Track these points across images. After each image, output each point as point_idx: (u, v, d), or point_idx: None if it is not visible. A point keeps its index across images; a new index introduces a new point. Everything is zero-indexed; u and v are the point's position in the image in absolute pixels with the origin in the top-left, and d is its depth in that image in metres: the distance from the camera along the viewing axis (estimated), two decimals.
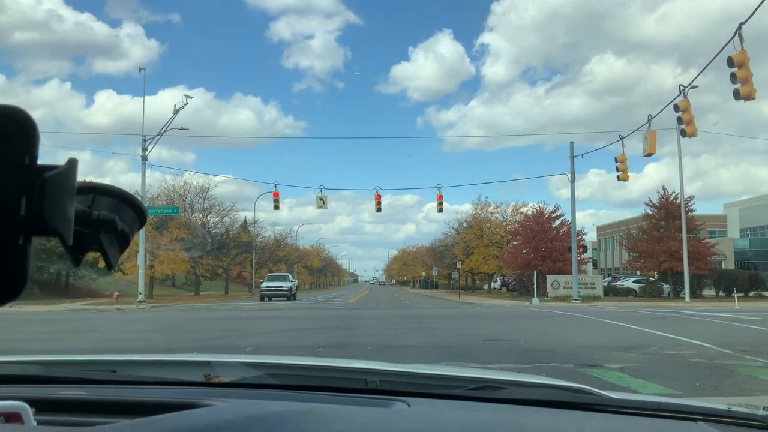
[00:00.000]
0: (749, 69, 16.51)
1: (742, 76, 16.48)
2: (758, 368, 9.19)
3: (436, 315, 23.45)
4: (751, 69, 16.51)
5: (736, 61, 16.54)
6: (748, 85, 16.49)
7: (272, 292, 42.39)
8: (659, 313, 23.37)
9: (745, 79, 16.48)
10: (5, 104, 0.56)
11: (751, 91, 16.56)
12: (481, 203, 64.15)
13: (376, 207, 39.03)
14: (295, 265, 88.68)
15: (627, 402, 1.63)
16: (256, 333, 15.75)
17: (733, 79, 16.66)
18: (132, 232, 0.73)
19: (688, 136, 22.73)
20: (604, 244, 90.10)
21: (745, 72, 16.47)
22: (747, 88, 16.51)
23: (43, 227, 0.57)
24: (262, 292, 42.79)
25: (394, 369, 1.90)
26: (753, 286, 41.65)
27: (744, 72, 16.46)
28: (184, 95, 35.80)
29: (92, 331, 17.34)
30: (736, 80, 16.61)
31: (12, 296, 0.57)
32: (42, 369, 1.84)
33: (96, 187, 0.72)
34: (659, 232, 42.06)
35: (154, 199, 49.95)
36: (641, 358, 10.26)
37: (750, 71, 16.51)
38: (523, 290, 47.01)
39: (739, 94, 16.62)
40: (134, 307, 31.84)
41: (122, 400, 1.50)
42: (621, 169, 31.81)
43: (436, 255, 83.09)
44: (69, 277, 51.36)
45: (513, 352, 11.19)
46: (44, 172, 0.58)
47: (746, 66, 16.48)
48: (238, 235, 62.48)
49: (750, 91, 16.54)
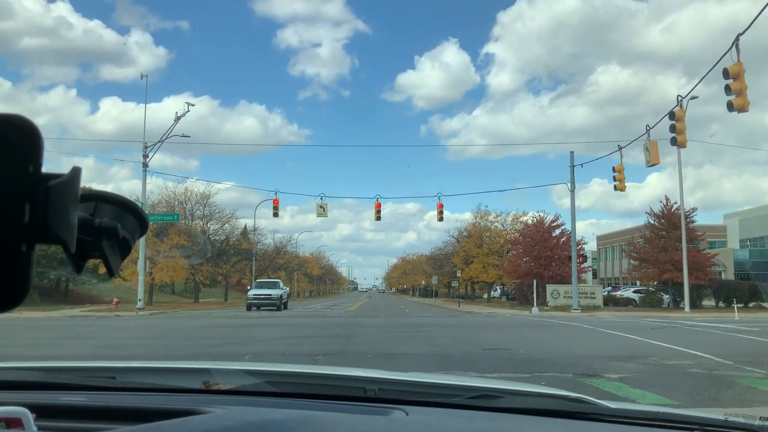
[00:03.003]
0: (744, 81, 16.47)
1: (736, 88, 16.45)
2: (757, 379, 9.17)
3: (435, 323, 23.40)
4: (753, 81, 16.52)
5: (732, 72, 16.52)
6: (742, 97, 16.44)
7: (260, 301, 37.94)
8: (659, 323, 23.33)
9: (740, 90, 16.43)
10: (10, 113, 0.57)
11: (745, 103, 16.50)
12: (481, 212, 64.24)
13: (375, 215, 39.07)
14: (295, 273, 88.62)
15: (625, 411, 1.63)
16: (255, 340, 15.71)
17: (727, 91, 16.60)
18: (133, 239, 0.74)
19: (678, 146, 22.80)
20: (604, 253, 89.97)
21: (740, 84, 16.44)
22: (741, 100, 16.46)
23: (47, 234, 0.58)
24: (249, 301, 38.39)
25: (393, 377, 1.90)
26: (753, 297, 41.58)
27: (738, 84, 16.43)
28: (185, 102, 35.90)
29: (91, 337, 17.30)
30: (731, 92, 16.56)
31: (15, 303, 0.58)
32: (42, 375, 1.84)
33: (98, 194, 0.72)
34: (661, 241, 42.05)
35: (155, 205, 49.95)
36: (640, 368, 10.23)
37: (745, 83, 16.47)
38: (522, 299, 46.94)
39: (733, 105, 16.59)
40: (133, 313, 31.77)
41: (122, 406, 1.50)
42: (618, 179, 31.87)
43: (435, 263, 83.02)
44: (69, 284, 51.32)
45: (512, 361, 11.17)
46: (48, 181, 0.58)
47: (741, 78, 16.45)
48: (238, 243, 62.39)
49: (744, 103, 16.49)
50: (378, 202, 38.62)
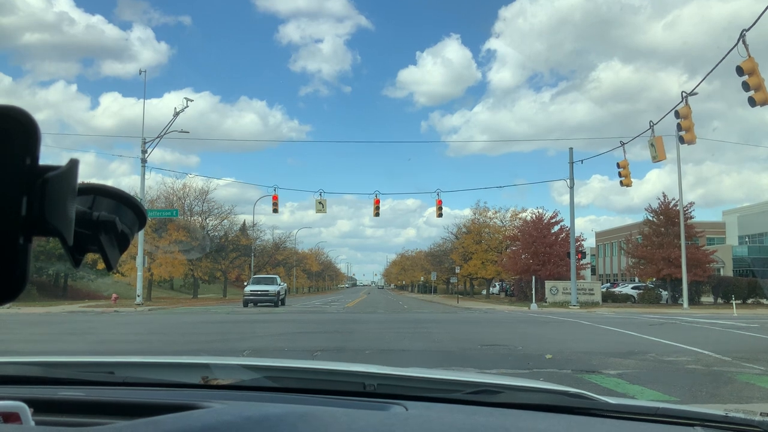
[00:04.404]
0: (760, 75, 16.41)
1: (754, 84, 16.37)
2: (756, 375, 9.19)
3: (434, 319, 23.43)
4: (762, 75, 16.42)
5: (746, 69, 16.45)
6: (762, 91, 16.33)
7: (257, 297, 37.43)
8: (657, 320, 23.36)
9: (758, 85, 16.36)
10: (6, 104, 0.57)
11: (766, 97, 16.42)
12: (480, 208, 64.27)
13: (374, 211, 39.06)
14: (294, 269, 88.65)
15: (624, 407, 1.63)
16: (254, 336, 15.72)
17: (745, 87, 16.51)
18: (132, 233, 0.73)
19: (686, 143, 22.74)
20: (602, 250, 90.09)
21: (757, 79, 16.37)
22: (761, 94, 16.35)
23: (44, 227, 0.58)
24: (246, 297, 37.79)
25: (392, 373, 1.90)
26: (751, 294, 41.67)
27: (756, 79, 16.36)
28: (184, 98, 35.93)
29: (90, 333, 17.30)
30: (749, 88, 16.46)
31: (12, 296, 0.58)
32: (40, 370, 1.84)
33: (96, 188, 0.72)
34: (659, 238, 42.10)
35: (154, 201, 49.93)
36: (639, 365, 10.25)
37: (761, 77, 16.39)
38: (521, 295, 47.03)
39: (755, 101, 16.49)
40: (132, 309, 31.78)
41: (120, 401, 1.50)
42: (623, 175, 31.88)
43: (434, 260, 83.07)
44: (67, 279, 51.32)
45: (511, 357, 11.19)
46: (45, 173, 0.58)
47: (757, 73, 16.38)
48: (237, 239, 62.37)
49: (765, 97, 16.35)
50: (377, 198, 38.66)
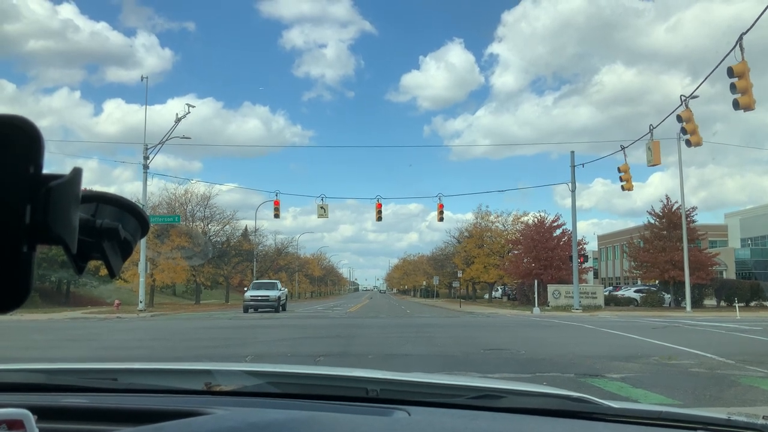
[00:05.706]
0: (749, 79, 16.49)
1: (741, 87, 16.47)
2: (759, 378, 9.16)
3: (436, 324, 23.40)
4: (757, 79, 16.49)
5: (736, 71, 16.53)
6: (747, 95, 16.47)
7: (258, 303, 37.12)
8: (660, 323, 23.32)
9: (745, 89, 16.46)
10: (10, 114, 0.57)
11: (751, 101, 16.53)
12: (482, 212, 64.27)
13: (376, 216, 39.12)
14: (296, 274, 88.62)
15: (627, 411, 1.63)
16: (256, 342, 15.71)
17: (732, 90, 16.64)
18: (135, 240, 0.74)
19: (692, 146, 22.72)
20: (605, 253, 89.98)
21: (745, 82, 16.46)
22: (746, 98, 16.49)
23: (48, 235, 0.58)
24: (246, 303, 37.46)
25: (395, 378, 1.90)
26: (754, 296, 41.56)
27: (744, 82, 16.45)
28: (186, 104, 35.99)
29: (93, 339, 17.31)
30: (736, 90, 16.59)
31: (16, 304, 0.58)
32: (44, 377, 1.84)
33: (99, 195, 0.72)
34: (662, 241, 42.03)
35: (156, 207, 49.97)
36: (642, 368, 10.23)
37: (750, 81, 16.49)
38: (524, 299, 46.93)
39: (739, 104, 16.62)
40: (135, 315, 31.78)
41: (124, 408, 1.50)
42: (625, 179, 31.82)
43: (437, 264, 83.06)
44: (70, 286, 51.36)
45: (514, 361, 11.16)
46: (49, 181, 0.58)
47: (746, 76, 16.47)
48: (239, 244, 62.40)
49: (749, 101, 16.52)
50: (379, 202, 38.67)
